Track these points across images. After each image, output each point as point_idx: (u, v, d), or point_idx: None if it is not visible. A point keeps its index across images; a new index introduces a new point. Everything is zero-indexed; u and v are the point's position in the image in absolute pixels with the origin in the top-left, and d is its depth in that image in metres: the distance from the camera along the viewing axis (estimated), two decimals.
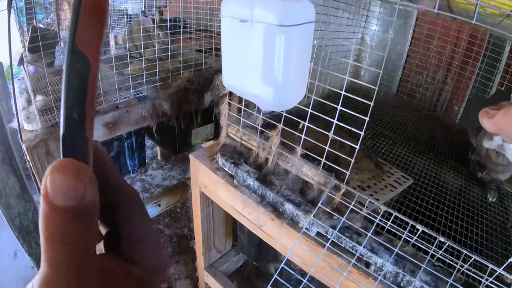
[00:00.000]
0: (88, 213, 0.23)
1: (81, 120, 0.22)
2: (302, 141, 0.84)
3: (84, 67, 0.22)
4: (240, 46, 0.72)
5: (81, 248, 0.23)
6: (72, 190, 0.21)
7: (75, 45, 0.22)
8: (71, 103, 0.22)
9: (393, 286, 0.76)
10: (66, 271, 0.22)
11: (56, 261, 0.21)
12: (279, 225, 0.89)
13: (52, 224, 0.21)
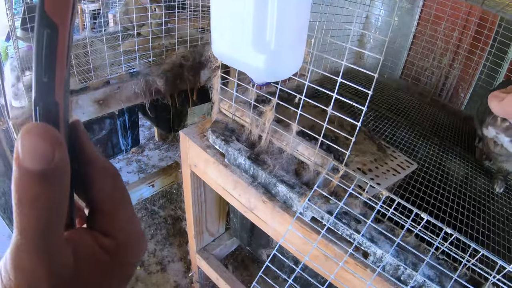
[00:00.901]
0: (56, 177, 0.22)
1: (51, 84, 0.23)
2: (298, 117, 0.74)
3: (53, 32, 0.22)
4: (230, 8, 0.63)
5: (49, 212, 0.22)
6: (40, 153, 0.22)
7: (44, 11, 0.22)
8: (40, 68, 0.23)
9: (392, 280, 0.68)
10: (34, 236, 0.22)
11: (24, 227, 0.22)
12: (271, 208, 0.80)
13: (21, 187, 0.21)
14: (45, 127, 0.22)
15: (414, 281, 0.66)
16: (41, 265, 0.23)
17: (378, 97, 1.42)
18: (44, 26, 0.22)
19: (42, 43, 0.22)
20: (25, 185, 0.22)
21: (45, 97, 0.23)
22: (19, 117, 1.12)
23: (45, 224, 0.23)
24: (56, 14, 0.22)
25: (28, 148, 0.21)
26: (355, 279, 0.72)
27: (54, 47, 0.23)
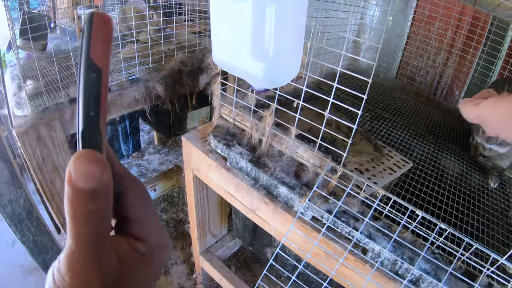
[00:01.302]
0: (104, 193, 0.27)
1: (96, 117, 0.27)
2: (297, 121, 0.78)
3: (98, 75, 0.27)
4: (229, 18, 0.66)
5: (100, 224, 0.27)
6: (91, 174, 0.26)
7: (89, 57, 0.26)
8: (88, 104, 0.26)
9: (390, 274, 0.72)
10: (87, 244, 0.26)
11: (80, 236, 0.26)
12: (273, 209, 0.84)
13: (75, 204, 0.26)
14: (94, 153, 0.26)
15: (411, 274, 0.70)
16: (94, 268, 0.27)
17: (374, 97, 1.46)
18: (90, 70, 0.26)
19: (89, 84, 0.26)
20: (79, 201, 0.26)
21: (91, 128, 0.27)
22: (22, 126, 1.15)
23: (97, 233, 0.27)
24: (99, 60, 0.26)
25: (81, 171, 0.25)
26: (355, 275, 0.75)
27: (98, 87, 0.27)
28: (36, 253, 1.32)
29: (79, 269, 0.26)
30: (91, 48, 0.26)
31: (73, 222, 0.26)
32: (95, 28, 0.26)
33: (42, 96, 1.20)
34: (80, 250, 0.26)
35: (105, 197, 0.27)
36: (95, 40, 0.26)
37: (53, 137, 1.23)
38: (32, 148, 1.19)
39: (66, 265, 0.26)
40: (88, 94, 0.26)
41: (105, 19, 0.27)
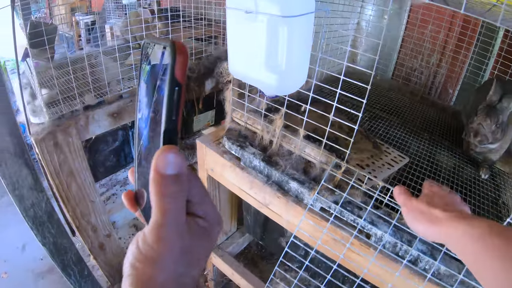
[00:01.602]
0: (184, 178, 0.36)
1: (176, 121, 0.36)
2: (305, 123, 0.91)
3: (179, 89, 0.35)
4: (245, 35, 0.79)
5: (181, 201, 0.37)
6: (176, 163, 0.35)
7: (174, 76, 0.34)
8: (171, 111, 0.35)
9: (392, 255, 0.84)
10: (172, 216, 0.35)
11: (166, 211, 0.35)
12: (285, 202, 0.97)
13: (163, 186, 0.35)
14: (176, 148, 0.36)
15: (410, 255, 0.82)
16: (176, 236, 0.36)
17: (371, 98, 1.59)
18: (174, 85, 0.34)
19: (172, 95, 0.35)
20: (166, 184, 0.35)
21: (172, 129, 0.36)
22: (40, 133, 1.24)
23: (178, 209, 0.36)
24: (180, 78, 0.35)
25: (168, 161, 0.35)
26: (360, 258, 0.88)
27: (179, 99, 0.35)
28: (55, 255, 1.42)
29: (165, 238, 0.35)
30: (175, 69, 0.34)
31: (161, 201, 0.35)
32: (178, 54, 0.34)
33: (58, 104, 1.30)
34: (167, 223, 0.35)
35: (185, 181, 0.36)
36: (178, 63, 0.34)
37: (70, 143, 1.33)
38: (49, 154, 1.30)
39: (154, 236, 0.35)
40: (171, 103, 0.35)
41: (184, 48, 0.35)
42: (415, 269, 0.83)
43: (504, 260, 0.45)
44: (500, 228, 0.50)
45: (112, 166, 1.71)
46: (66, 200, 1.43)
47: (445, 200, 0.65)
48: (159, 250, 0.35)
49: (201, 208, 0.41)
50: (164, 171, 0.35)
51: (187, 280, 0.38)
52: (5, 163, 1.14)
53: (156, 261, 0.35)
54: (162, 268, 0.35)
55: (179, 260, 0.36)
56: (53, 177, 1.36)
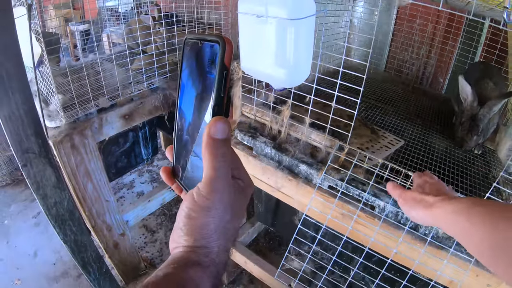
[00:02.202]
0: (230, 142, 0.45)
1: (223, 97, 0.44)
2: (310, 112, 1.06)
3: (226, 72, 0.43)
4: (256, 36, 0.93)
5: (229, 160, 0.45)
6: (225, 129, 0.44)
7: (223, 62, 0.43)
8: (220, 89, 0.44)
9: (395, 223, 0.99)
10: (223, 172, 0.44)
11: (218, 167, 0.44)
12: (296, 184, 1.12)
13: (215, 148, 0.43)
14: (224, 118, 0.44)
15: (411, 222, 0.97)
16: (227, 188, 0.44)
17: (367, 90, 1.75)
18: (223, 69, 0.42)
19: (222, 77, 0.43)
20: (218, 146, 0.43)
21: (220, 103, 0.44)
22: (57, 136, 1.36)
23: (227, 166, 0.45)
24: (228, 63, 0.43)
25: (218, 128, 0.43)
26: (366, 228, 1.03)
27: (226, 80, 0.43)
28: (76, 253, 1.54)
29: (218, 189, 0.43)
30: (225, 56, 0.42)
31: (213, 159, 0.43)
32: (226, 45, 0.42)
33: (72, 108, 1.43)
34: (219, 177, 0.43)
35: (230, 144, 0.45)
36: (226, 52, 0.42)
37: (86, 145, 1.46)
38: (67, 155, 1.42)
39: (208, 187, 0.43)
40: (220, 83, 0.43)
41: (230, 41, 0.43)
42: (417, 234, 0.97)
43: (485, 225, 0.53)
44: (482, 201, 0.59)
45: (123, 167, 1.85)
46: (83, 200, 1.55)
47: (435, 187, 0.77)
48: (213, 199, 0.43)
49: (237, 172, 0.49)
50: (216, 136, 0.43)
51: (231, 228, 0.47)
52: (30, 163, 1.24)
53: (210, 208, 0.43)
54: (214, 215, 0.44)
55: (227, 208, 0.45)
56: (70, 178, 1.48)
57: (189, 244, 0.44)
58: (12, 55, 1.06)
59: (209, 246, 0.44)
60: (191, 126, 0.49)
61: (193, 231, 0.44)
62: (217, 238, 0.45)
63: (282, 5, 0.84)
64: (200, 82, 0.47)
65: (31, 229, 2.37)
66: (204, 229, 0.44)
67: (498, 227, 0.50)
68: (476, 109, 1.21)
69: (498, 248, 0.49)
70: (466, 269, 0.91)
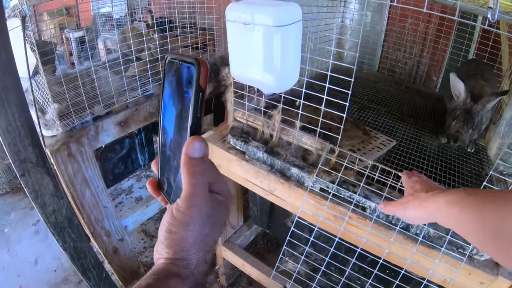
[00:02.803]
0: (207, 160, 0.48)
1: (200, 117, 0.47)
2: (300, 116, 1.08)
3: (202, 94, 0.45)
4: (244, 43, 0.95)
5: (206, 177, 0.48)
6: (202, 148, 0.46)
7: (199, 83, 0.45)
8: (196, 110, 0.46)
9: (386, 224, 1.01)
10: (200, 188, 0.47)
11: (195, 184, 0.46)
12: (288, 187, 1.13)
13: (193, 166, 0.46)
14: (201, 137, 0.46)
15: (402, 222, 0.98)
16: (204, 204, 0.47)
17: (359, 90, 1.77)
18: (199, 91, 0.45)
19: (198, 98, 0.45)
20: (194, 164, 0.46)
21: (197, 123, 0.46)
22: (54, 145, 1.38)
23: (204, 184, 0.47)
24: (203, 85, 0.45)
25: (196, 147, 0.45)
26: (358, 229, 1.04)
27: (202, 101, 0.45)
28: (76, 259, 1.55)
29: (195, 205, 0.46)
30: (200, 78, 0.44)
31: (191, 177, 0.46)
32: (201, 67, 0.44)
33: (69, 117, 1.44)
34: (196, 193, 0.46)
35: (207, 161, 0.48)
36: (201, 74, 0.44)
37: (82, 153, 1.47)
38: (64, 164, 1.43)
39: (187, 203, 0.46)
40: (196, 104, 0.45)
41: (205, 63, 0.45)
42: (408, 234, 0.99)
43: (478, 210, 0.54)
44: (474, 191, 0.59)
45: (120, 173, 1.86)
46: (81, 207, 1.57)
47: (425, 184, 0.77)
48: (191, 214, 0.46)
49: (217, 186, 0.51)
50: (193, 155, 0.46)
51: (210, 241, 0.50)
52: (28, 173, 1.26)
53: (189, 223, 0.46)
54: (192, 229, 0.46)
55: (205, 223, 0.47)
56: (68, 186, 1.49)
57: (170, 256, 0.46)
58: (8, 69, 1.08)
59: (188, 258, 0.47)
60: (172, 143, 0.51)
61: (173, 245, 0.47)
62: (196, 251, 0.48)
63: (268, 12, 0.86)
64: (179, 102, 0.49)
65: (31, 237, 2.39)
66: (183, 243, 0.47)
67: (487, 215, 0.52)
68: (470, 105, 1.22)
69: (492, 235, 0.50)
70: (458, 268, 0.92)
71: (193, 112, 0.46)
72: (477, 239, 0.55)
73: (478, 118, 1.22)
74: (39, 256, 2.25)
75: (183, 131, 0.48)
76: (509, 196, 0.50)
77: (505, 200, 0.50)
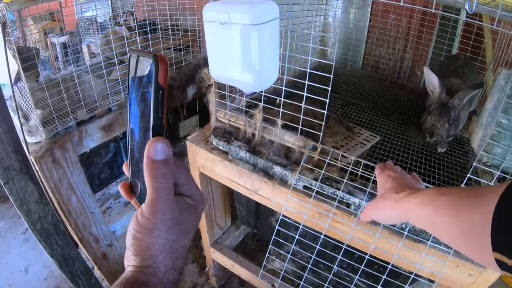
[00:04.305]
0: (171, 162, 0.46)
1: (161, 117, 0.45)
2: (281, 114, 1.07)
3: (162, 92, 0.45)
4: (221, 42, 0.94)
5: (170, 180, 0.46)
6: (164, 150, 0.45)
7: (157, 81, 0.44)
8: (157, 109, 0.45)
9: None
10: (164, 193, 0.45)
11: (159, 188, 0.45)
12: (272, 186, 1.13)
13: (155, 169, 0.44)
14: (163, 138, 0.45)
15: None
16: (168, 209, 0.45)
17: (343, 87, 1.77)
18: (158, 89, 0.44)
19: (157, 97, 0.44)
20: (156, 167, 0.44)
21: (159, 124, 0.45)
22: (38, 151, 1.36)
23: (169, 187, 0.46)
24: (163, 83, 0.44)
25: (157, 149, 0.44)
26: (343, 226, 1.04)
27: (163, 99, 0.45)
28: (64, 266, 1.53)
29: (159, 210, 0.44)
30: (158, 76, 0.43)
31: (154, 181, 0.44)
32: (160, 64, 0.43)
33: (52, 122, 1.43)
34: (160, 198, 0.44)
35: (171, 164, 0.46)
36: (160, 71, 0.43)
37: (67, 158, 1.46)
38: (49, 170, 1.42)
39: (150, 209, 0.44)
40: (157, 103, 0.44)
41: (164, 59, 0.44)
42: (393, 229, 0.98)
43: (450, 210, 0.54)
44: (445, 190, 0.59)
45: (107, 178, 1.85)
46: (68, 213, 1.55)
47: (397, 182, 0.75)
48: (155, 221, 0.44)
49: (187, 189, 0.51)
50: (154, 157, 0.44)
51: (178, 247, 0.48)
52: (12, 180, 1.25)
53: (153, 230, 0.44)
54: (158, 235, 0.45)
55: (171, 229, 0.46)
56: (53, 192, 1.48)
57: (137, 264, 0.45)
58: None
59: (155, 266, 0.45)
60: (139, 144, 0.50)
61: (139, 251, 0.45)
62: (163, 258, 0.46)
63: (244, 11, 0.85)
64: (142, 101, 0.47)
65: (21, 245, 2.36)
66: (149, 250, 0.45)
67: (462, 216, 0.51)
68: (445, 99, 1.19)
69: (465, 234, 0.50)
70: (445, 261, 0.92)
71: (153, 111, 0.45)
72: (451, 239, 0.55)
73: (454, 113, 1.19)
74: (30, 264, 2.22)
75: (147, 132, 0.47)
76: (482, 196, 0.49)
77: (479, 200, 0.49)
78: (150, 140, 0.45)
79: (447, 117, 1.17)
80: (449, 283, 0.97)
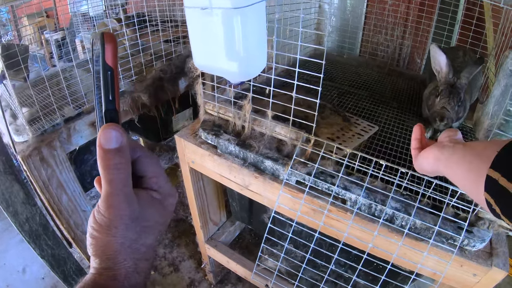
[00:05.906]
0: (125, 151, 0.41)
1: (113, 100, 0.42)
2: (271, 104, 0.98)
3: (111, 73, 0.41)
4: (204, 30, 0.85)
5: (125, 171, 0.41)
6: (116, 138, 0.40)
7: (105, 61, 0.40)
8: (107, 92, 0.41)
9: (368, 216, 0.92)
10: (118, 186, 0.40)
11: (112, 180, 0.39)
12: (263, 181, 1.04)
13: (107, 159, 0.39)
14: (115, 125, 0.41)
15: (385, 214, 0.90)
16: (125, 204, 0.40)
17: (340, 75, 1.67)
18: (106, 69, 0.40)
19: (106, 79, 0.40)
20: (109, 157, 0.39)
21: (111, 108, 0.41)
22: (25, 150, 1.29)
23: (124, 178, 0.40)
24: (111, 63, 0.40)
25: (108, 137, 0.39)
26: (339, 223, 0.96)
27: (113, 81, 0.41)
28: (55, 267, 1.48)
29: (114, 205, 0.39)
30: (105, 56, 0.40)
31: (106, 172, 0.39)
32: (106, 42, 0.40)
33: (39, 120, 1.35)
34: (114, 191, 0.39)
35: (126, 153, 0.41)
36: (107, 50, 0.40)
37: (55, 156, 1.38)
38: (37, 169, 1.34)
39: (105, 204, 0.39)
40: (106, 85, 0.40)
41: (111, 36, 0.40)
42: (393, 227, 0.90)
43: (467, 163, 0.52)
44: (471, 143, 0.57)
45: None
46: (59, 212, 1.48)
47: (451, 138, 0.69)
48: (110, 217, 0.39)
49: (155, 181, 0.46)
50: (106, 146, 0.39)
51: (140, 247, 0.43)
52: None
53: (110, 227, 0.39)
54: (115, 234, 0.40)
55: (130, 226, 0.41)
56: (43, 192, 1.40)
57: (96, 266, 0.40)
58: None
59: (115, 268, 0.40)
60: None
61: (97, 252, 0.40)
62: (123, 259, 0.41)
63: None
64: (97, 84, 0.42)
65: (18, 245, 2.30)
66: (107, 250, 0.40)
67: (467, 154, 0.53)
68: (453, 80, 1.10)
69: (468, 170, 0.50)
70: (449, 260, 0.85)
71: (105, 95, 0.41)
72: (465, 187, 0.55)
73: (464, 94, 1.10)
74: (27, 264, 2.17)
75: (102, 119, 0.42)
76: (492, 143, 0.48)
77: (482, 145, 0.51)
78: (101, 128, 0.40)
79: (457, 98, 1.09)
80: (452, 282, 0.90)
